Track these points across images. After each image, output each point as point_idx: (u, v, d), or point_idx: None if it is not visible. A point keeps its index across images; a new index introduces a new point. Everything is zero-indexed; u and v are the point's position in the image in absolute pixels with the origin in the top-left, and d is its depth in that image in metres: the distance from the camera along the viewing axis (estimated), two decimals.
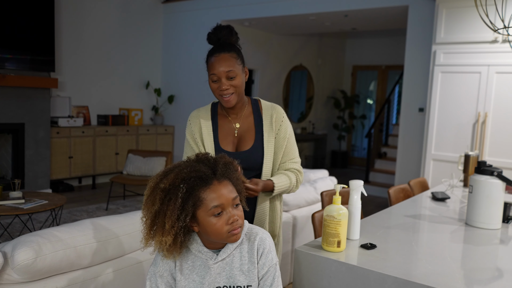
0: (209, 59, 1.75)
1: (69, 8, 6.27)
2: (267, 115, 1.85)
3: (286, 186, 1.80)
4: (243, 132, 1.82)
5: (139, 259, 2.17)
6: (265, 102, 1.90)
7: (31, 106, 5.52)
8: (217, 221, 1.26)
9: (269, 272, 1.37)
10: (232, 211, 1.28)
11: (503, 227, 2.23)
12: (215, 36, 1.78)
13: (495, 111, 4.52)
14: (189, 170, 1.26)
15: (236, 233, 1.29)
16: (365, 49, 9.74)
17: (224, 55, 1.72)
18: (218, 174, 1.28)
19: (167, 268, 1.35)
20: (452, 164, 4.75)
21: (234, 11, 6.83)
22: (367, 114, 9.91)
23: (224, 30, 1.78)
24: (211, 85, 1.76)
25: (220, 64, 1.71)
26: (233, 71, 1.72)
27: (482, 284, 1.53)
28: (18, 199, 3.55)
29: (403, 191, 3.19)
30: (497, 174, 2.15)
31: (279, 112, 1.86)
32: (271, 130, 1.83)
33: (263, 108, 1.87)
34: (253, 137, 1.81)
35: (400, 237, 2.00)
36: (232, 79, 1.73)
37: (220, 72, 1.71)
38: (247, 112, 1.86)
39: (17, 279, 1.72)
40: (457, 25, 4.70)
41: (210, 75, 1.74)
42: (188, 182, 1.25)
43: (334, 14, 6.14)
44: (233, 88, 1.74)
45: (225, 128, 1.83)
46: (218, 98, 1.78)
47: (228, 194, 1.28)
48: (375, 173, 7.62)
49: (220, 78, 1.72)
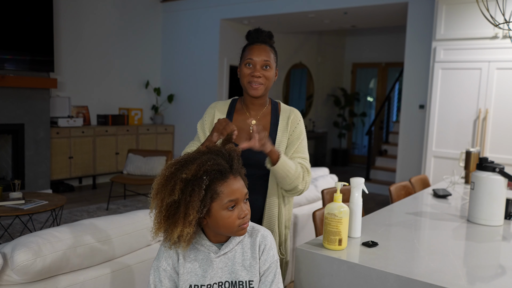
0: (249, 47, 1.79)
1: (67, 8, 6.25)
2: (284, 116, 1.87)
3: (291, 169, 1.71)
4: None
5: (140, 259, 2.16)
6: (285, 105, 1.92)
7: (30, 107, 5.51)
8: (230, 215, 1.29)
9: (270, 268, 1.38)
10: (244, 206, 1.31)
11: (505, 224, 2.22)
12: (255, 35, 1.83)
13: (496, 107, 4.51)
14: (212, 163, 1.27)
15: (245, 227, 1.32)
16: (364, 46, 9.72)
17: (265, 47, 1.78)
18: (234, 169, 1.31)
19: (170, 262, 1.35)
20: (453, 161, 4.73)
21: (233, 9, 6.81)
22: (367, 112, 9.90)
23: (265, 33, 1.83)
24: (243, 70, 1.78)
25: (260, 52, 1.76)
26: (270, 62, 1.76)
27: (485, 281, 1.52)
28: (18, 199, 3.54)
29: (404, 189, 3.17)
30: (499, 171, 2.14)
31: (296, 115, 1.88)
32: (285, 130, 1.84)
33: (281, 110, 1.89)
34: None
35: (402, 235, 1.99)
36: (266, 68, 1.76)
37: (258, 59, 1.75)
38: (266, 111, 1.87)
39: (17, 280, 1.71)
40: (457, 21, 4.69)
41: (247, 59, 1.77)
42: (210, 175, 1.26)
43: (334, 11, 6.12)
44: (264, 78, 1.77)
45: (240, 123, 1.83)
46: (245, 85, 1.79)
47: (242, 189, 1.31)
48: (376, 171, 7.61)
49: (255, 65, 1.76)
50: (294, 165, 1.75)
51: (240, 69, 1.80)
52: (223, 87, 7.23)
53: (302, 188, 1.79)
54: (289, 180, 1.73)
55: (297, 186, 1.76)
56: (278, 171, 1.70)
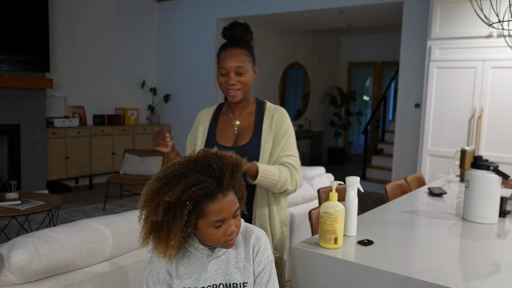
0: (221, 53, 1.78)
1: (63, 8, 6.24)
2: (268, 115, 1.86)
3: (275, 177, 1.68)
4: (243, 129, 1.85)
5: (137, 258, 2.17)
6: (270, 104, 1.92)
7: (26, 107, 5.50)
8: (216, 232, 1.26)
9: (265, 269, 1.38)
10: (231, 223, 1.27)
11: (499, 222, 2.24)
12: (230, 31, 1.81)
13: (491, 106, 4.53)
14: (196, 188, 1.19)
15: (231, 243, 1.30)
16: (360, 45, 9.74)
17: (236, 51, 1.75)
18: (223, 188, 1.24)
19: (163, 265, 1.35)
20: (448, 159, 4.76)
21: (229, 9, 6.81)
22: (363, 111, 9.92)
23: (240, 27, 1.80)
24: (219, 78, 1.79)
25: (231, 58, 1.74)
26: (243, 67, 1.75)
27: (480, 278, 1.53)
28: (15, 200, 3.53)
29: (400, 187, 3.19)
30: (493, 169, 2.16)
31: (281, 113, 1.86)
32: (270, 129, 1.83)
33: (266, 109, 1.89)
34: (250, 134, 1.83)
35: (397, 233, 2.00)
36: (240, 75, 1.75)
37: (229, 67, 1.74)
38: (250, 111, 1.88)
39: (13, 281, 1.71)
40: (452, 20, 4.71)
41: (220, 68, 1.76)
42: (194, 200, 1.21)
43: (329, 11, 6.14)
44: (240, 84, 1.77)
45: (225, 124, 1.87)
46: (224, 92, 1.81)
47: (231, 207, 1.26)
48: (372, 170, 7.64)
49: (229, 73, 1.75)
50: (278, 170, 1.70)
51: (217, 76, 1.81)
52: (219, 86, 7.23)
53: (292, 189, 1.76)
54: (277, 186, 1.72)
55: (287, 188, 1.74)
56: (262, 183, 1.68)
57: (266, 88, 8.28)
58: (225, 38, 1.83)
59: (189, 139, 1.95)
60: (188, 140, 1.95)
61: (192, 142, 1.93)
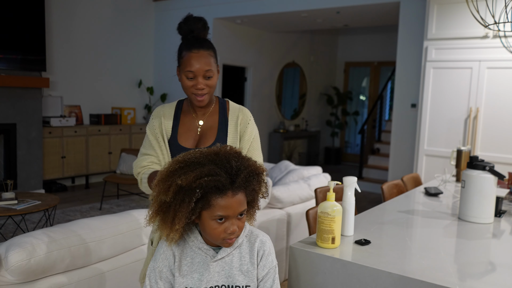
0: (186, 54, 1.66)
1: (59, 7, 6.22)
2: (233, 116, 1.80)
3: None
4: (206, 130, 1.76)
5: (135, 258, 2.17)
6: (234, 104, 1.84)
7: (22, 106, 5.48)
8: (217, 227, 1.27)
9: (269, 274, 1.39)
10: (234, 222, 1.28)
11: (495, 221, 2.25)
12: (187, 27, 1.71)
13: (487, 106, 4.56)
14: (209, 179, 1.22)
15: (229, 242, 1.30)
16: (357, 45, 9.76)
17: (203, 53, 1.66)
18: (235, 186, 1.25)
19: (166, 264, 1.35)
20: (444, 159, 4.78)
21: (226, 8, 6.81)
22: (360, 111, 9.94)
23: (198, 22, 1.71)
24: (184, 82, 1.68)
25: (199, 62, 1.64)
26: (211, 70, 1.66)
27: (475, 278, 1.55)
28: (11, 200, 3.52)
29: (397, 187, 3.20)
30: (489, 169, 2.17)
31: (245, 115, 1.81)
32: (236, 131, 1.78)
33: (230, 109, 1.81)
34: (214, 135, 1.75)
35: (394, 233, 2.01)
36: (209, 78, 1.67)
37: (198, 70, 1.64)
38: (213, 111, 1.79)
39: (11, 281, 1.71)
40: (449, 21, 4.73)
41: (186, 71, 1.66)
42: (205, 189, 1.23)
43: (326, 10, 6.15)
44: (208, 88, 1.68)
45: (187, 125, 1.77)
46: (190, 96, 1.71)
47: (237, 207, 1.27)
48: (369, 169, 7.66)
49: (196, 76, 1.65)
50: None
51: (181, 78, 1.69)
52: (216, 85, 7.23)
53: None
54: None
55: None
56: None
57: (263, 87, 8.29)
58: (182, 34, 1.72)
59: (151, 133, 1.78)
60: (149, 133, 1.78)
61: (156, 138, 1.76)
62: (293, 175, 3.71)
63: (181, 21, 1.73)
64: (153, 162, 1.75)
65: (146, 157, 1.76)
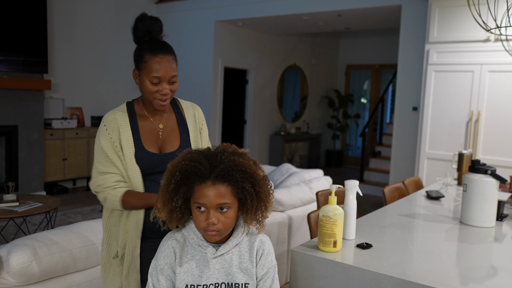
0: (151, 58, 1.61)
1: (62, 9, 6.24)
2: (189, 114, 1.78)
3: None
4: (168, 133, 1.73)
5: None
6: (184, 101, 1.83)
7: (24, 108, 5.49)
8: (199, 215, 1.31)
9: (268, 273, 1.40)
10: (214, 214, 1.29)
11: (497, 225, 2.25)
12: (144, 28, 1.66)
13: (488, 110, 4.55)
14: (190, 164, 1.29)
15: (210, 234, 1.31)
16: (358, 48, 9.76)
17: (169, 57, 1.63)
18: (213, 176, 1.28)
19: (167, 262, 1.37)
20: (446, 163, 4.77)
21: (227, 11, 6.83)
22: (361, 113, 9.94)
23: (156, 24, 1.68)
24: (147, 87, 1.61)
25: (166, 67, 1.61)
26: (176, 76, 1.65)
27: (477, 282, 1.54)
28: (12, 202, 3.52)
29: (398, 190, 3.20)
30: (490, 173, 2.17)
31: (199, 111, 1.82)
32: (196, 129, 1.78)
33: (183, 107, 1.79)
34: (178, 138, 1.73)
35: (396, 236, 2.01)
36: (173, 83, 1.65)
37: (164, 76, 1.61)
38: (168, 112, 1.76)
39: (12, 283, 1.71)
40: (450, 24, 4.73)
41: (152, 76, 1.60)
42: (184, 173, 1.29)
43: (328, 14, 6.15)
44: (171, 93, 1.65)
45: (147, 130, 1.70)
46: (151, 100, 1.64)
47: (215, 198, 1.28)
48: (370, 172, 7.65)
49: (162, 82, 1.61)
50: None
51: (143, 82, 1.63)
52: (217, 88, 7.24)
53: None
54: None
55: None
56: None
57: (264, 90, 8.29)
58: (138, 34, 1.68)
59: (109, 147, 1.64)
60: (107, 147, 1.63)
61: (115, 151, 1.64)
62: (294, 178, 3.70)
63: (136, 21, 1.68)
64: (119, 181, 1.63)
65: (108, 176, 1.62)
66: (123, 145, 1.64)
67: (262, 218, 1.38)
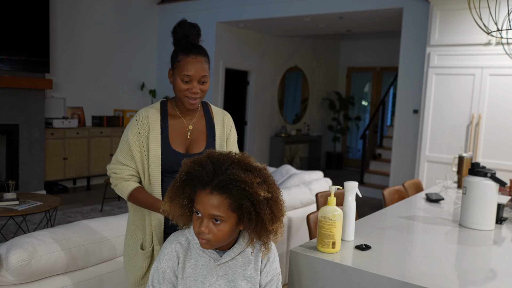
0: (183, 58, 1.68)
1: (64, 9, 6.25)
2: (218, 119, 1.83)
3: None
4: (196, 134, 1.78)
5: None
6: (215, 107, 1.88)
7: (25, 107, 5.50)
8: (195, 219, 1.30)
9: (272, 280, 1.40)
10: (206, 223, 1.27)
11: (496, 228, 2.25)
12: (182, 32, 1.74)
13: (489, 113, 4.55)
14: (193, 166, 1.30)
15: (201, 242, 1.30)
16: (359, 51, 9.77)
17: (201, 58, 1.69)
18: (212, 185, 1.26)
19: (170, 265, 1.35)
20: (446, 166, 4.77)
21: (229, 12, 6.83)
22: (362, 116, 9.94)
23: (193, 29, 1.75)
24: (179, 85, 1.67)
25: (196, 67, 1.67)
26: (206, 76, 1.69)
27: (476, 285, 1.54)
28: (12, 200, 3.53)
29: (398, 193, 3.20)
30: (490, 176, 2.17)
31: (229, 118, 1.86)
32: (223, 134, 1.82)
33: (214, 113, 1.84)
34: (205, 140, 1.78)
35: (395, 238, 2.01)
36: (203, 83, 1.69)
37: (195, 75, 1.66)
38: (199, 115, 1.81)
39: (11, 281, 1.71)
40: (451, 27, 4.74)
41: (183, 75, 1.66)
42: (188, 175, 1.30)
43: (329, 16, 6.16)
44: (202, 92, 1.70)
45: (177, 129, 1.75)
46: (182, 98, 1.70)
47: (209, 207, 1.26)
48: (370, 175, 7.65)
49: (192, 81, 1.67)
50: None
51: (175, 80, 1.69)
52: (218, 89, 7.25)
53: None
54: None
55: None
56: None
57: (265, 92, 8.30)
58: (176, 38, 1.75)
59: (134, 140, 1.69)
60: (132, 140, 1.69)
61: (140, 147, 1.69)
62: (294, 179, 3.71)
63: (176, 25, 1.75)
64: (132, 175, 1.70)
65: (125, 168, 1.69)
66: (150, 141, 1.69)
67: (266, 241, 1.33)
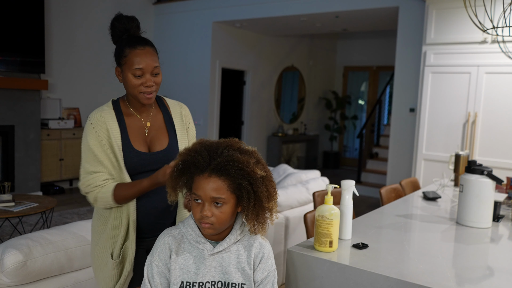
0: (131, 51, 1.60)
1: (59, 9, 6.22)
2: (176, 113, 1.77)
3: None
4: (155, 131, 1.71)
5: None
6: (171, 100, 1.82)
7: (21, 108, 5.48)
8: (195, 206, 1.31)
9: (268, 277, 1.39)
10: (208, 207, 1.29)
11: (493, 226, 2.25)
12: (122, 26, 1.68)
13: (485, 111, 4.56)
14: (188, 154, 1.33)
15: (204, 226, 1.31)
16: (356, 50, 9.78)
17: (149, 49, 1.62)
18: (210, 168, 1.28)
19: (162, 258, 1.36)
20: (443, 164, 4.78)
21: (225, 12, 6.83)
22: (358, 115, 9.95)
23: (133, 22, 1.70)
24: (131, 81, 1.59)
25: (147, 58, 1.59)
26: (158, 67, 1.62)
27: (473, 282, 1.54)
28: (8, 202, 3.51)
29: (395, 191, 3.20)
30: (487, 173, 2.17)
31: (186, 110, 1.81)
32: (183, 128, 1.77)
33: (170, 106, 1.78)
34: (166, 136, 1.72)
35: (392, 237, 2.01)
36: (156, 75, 1.62)
37: (147, 67, 1.58)
38: (155, 111, 1.74)
39: (7, 283, 1.70)
40: (447, 26, 4.74)
41: (134, 69, 1.58)
42: (185, 163, 1.33)
43: (325, 15, 6.16)
44: (156, 85, 1.62)
45: (135, 128, 1.68)
46: (137, 95, 1.62)
47: (210, 191, 1.28)
48: (367, 174, 7.66)
49: (145, 74, 1.59)
50: None
51: (126, 77, 1.61)
52: (215, 89, 7.24)
53: None
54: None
55: None
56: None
57: (261, 91, 8.29)
58: (117, 33, 1.69)
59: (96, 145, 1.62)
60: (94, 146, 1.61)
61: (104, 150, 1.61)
62: (292, 178, 3.70)
63: (113, 20, 1.70)
64: (107, 179, 1.62)
65: (97, 175, 1.62)
66: (112, 143, 1.61)
67: (263, 220, 1.35)
